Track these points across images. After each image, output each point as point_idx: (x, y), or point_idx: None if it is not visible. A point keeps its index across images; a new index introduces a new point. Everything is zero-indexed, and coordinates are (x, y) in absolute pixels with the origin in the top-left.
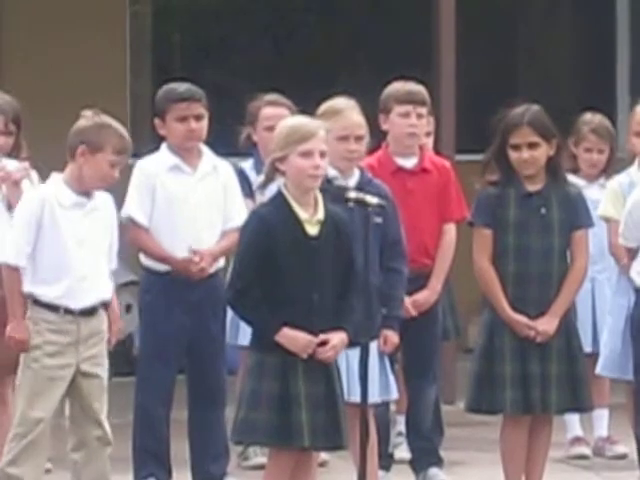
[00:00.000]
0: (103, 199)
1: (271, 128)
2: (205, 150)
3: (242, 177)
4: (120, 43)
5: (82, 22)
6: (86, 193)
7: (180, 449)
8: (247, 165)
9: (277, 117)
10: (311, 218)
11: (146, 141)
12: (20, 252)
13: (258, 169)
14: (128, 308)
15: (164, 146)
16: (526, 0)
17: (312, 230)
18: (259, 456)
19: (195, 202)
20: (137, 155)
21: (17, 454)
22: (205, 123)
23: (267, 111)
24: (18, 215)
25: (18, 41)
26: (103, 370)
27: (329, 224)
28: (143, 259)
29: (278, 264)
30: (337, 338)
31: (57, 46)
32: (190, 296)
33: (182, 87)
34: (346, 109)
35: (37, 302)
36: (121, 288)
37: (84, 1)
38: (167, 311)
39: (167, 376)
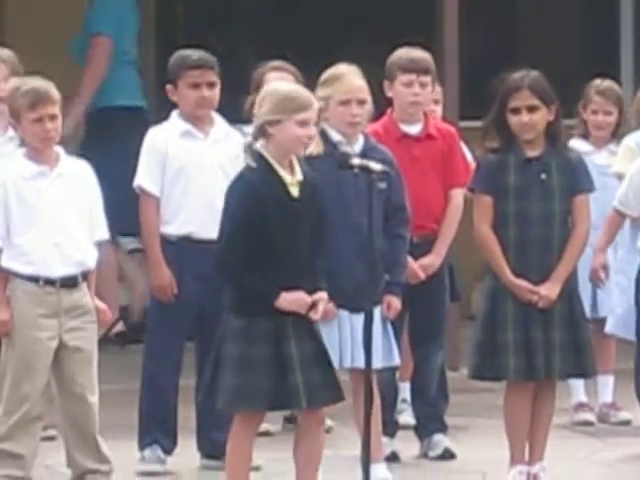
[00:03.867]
0: (74, 165)
1: None
2: (217, 117)
3: None
4: None
5: None
6: (46, 161)
7: (187, 416)
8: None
9: (284, 79)
10: (292, 180)
11: (152, 109)
12: None
13: None
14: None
15: (175, 114)
16: None
17: (294, 192)
18: (264, 423)
19: (208, 167)
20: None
21: (8, 430)
22: (217, 91)
23: (272, 76)
24: None
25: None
26: (87, 343)
27: (307, 185)
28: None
29: (267, 228)
30: (325, 298)
31: (61, 13)
32: (200, 265)
33: (195, 54)
34: (347, 74)
35: (17, 274)
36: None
37: None
38: (177, 279)
39: (176, 344)
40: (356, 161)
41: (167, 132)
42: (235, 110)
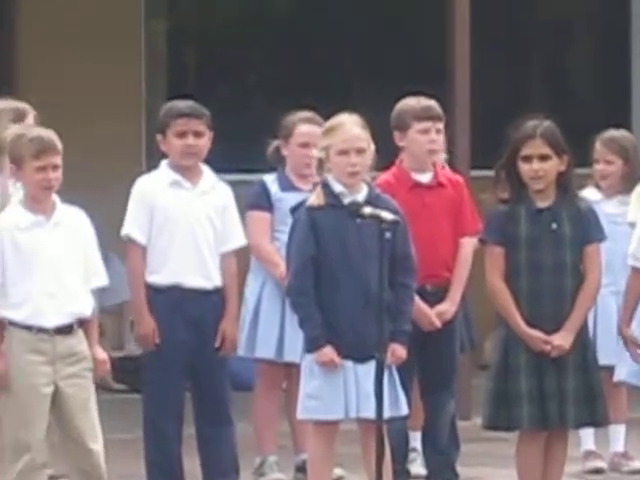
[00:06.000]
0: (70, 214)
1: (305, 145)
2: (205, 169)
3: (263, 189)
4: (135, 60)
5: (97, 39)
6: (44, 210)
7: (194, 465)
8: (269, 178)
9: (312, 135)
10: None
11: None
12: None
13: (281, 182)
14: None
15: (164, 163)
16: (540, 17)
17: None
18: (275, 472)
19: (196, 217)
20: (153, 169)
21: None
22: (205, 141)
23: (303, 128)
24: None
25: (33, 57)
26: (83, 390)
27: None
28: (146, 273)
29: None
30: None
31: (72, 62)
32: (190, 311)
33: (183, 103)
34: (346, 123)
35: (11, 322)
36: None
37: (99, 18)
38: (169, 326)
39: (172, 390)
40: (367, 210)
41: (156, 181)
42: (244, 158)
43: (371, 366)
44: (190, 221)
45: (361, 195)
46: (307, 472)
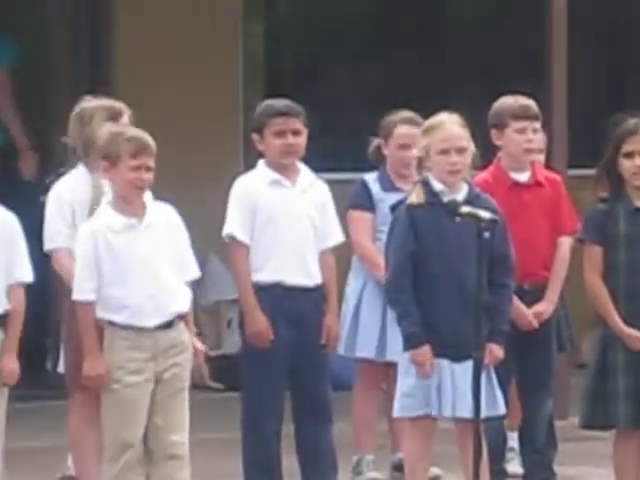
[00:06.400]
0: (160, 212)
1: (404, 146)
2: (302, 167)
3: (364, 189)
4: (232, 60)
5: (194, 39)
6: (135, 212)
7: (293, 463)
8: (370, 177)
9: (411, 136)
10: None
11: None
12: (82, 289)
13: (382, 182)
14: (229, 323)
15: (261, 162)
16: (635, 13)
17: None
18: (372, 471)
19: (297, 215)
20: (249, 168)
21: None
22: (303, 139)
23: (402, 130)
24: (77, 251)
25: (131, 58)
26: (180, 379)
27: None
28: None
29: None
30: None
31: (170, 63)
32: (292, 309)
33: (280, 102)
34: (446, 122)
35: (111, 323)
36: (229, 304)
37: (197, 18)
38: (270, 324)
39: (273, 390)
40: (465, 209)
41: (256, 180)
42: (341, 157)
43: (468, 365)
44: (292, 219)
45: (461, 194)
46: (404, 471)
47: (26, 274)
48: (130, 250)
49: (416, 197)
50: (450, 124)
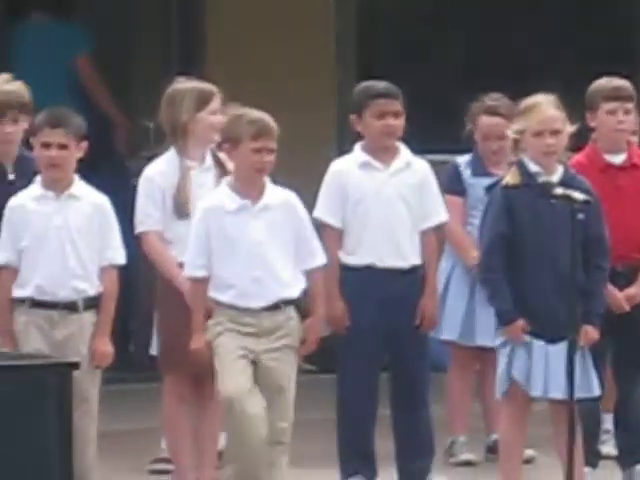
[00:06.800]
0: (280, 197)
1: (487, 137)
2: (402, 148)
3: (456, 173)
4: (326, 42)
5: (287, 21)
6: (252, 194)
7: (387, 445)
8: (463, 161)
9: (493, 126)
10: None
11: (353, 139)
12: (194, 266)
13: (474, 166)
14: None
15: (357, 146)
16: None
17: None
18: (465, 452)
19: (387, 197)
20: (344, 153)
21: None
22: (402, 121)
23: (483, 120)
24: (192, 227)
25: (223, 42)
26: (283, 365)
27: None
28: (341, 254)
29: None
30: None
31: (263, 47)
32: (385, 290)
33: (380, 84)
34: (542, 104)
35: (217, 302)
36: None
37: (289, 1)
38: (362, 306)
39: (369, 372)
40: (559, 190)
41: (348, 164)
42: (433, 139)
43: (562, 347)
44: (382, 202)
45: (556, 175)
46: (498, 452)
47: (119, 256)
48: (241, 232)
49: (511, 178)
50: (546, 106)
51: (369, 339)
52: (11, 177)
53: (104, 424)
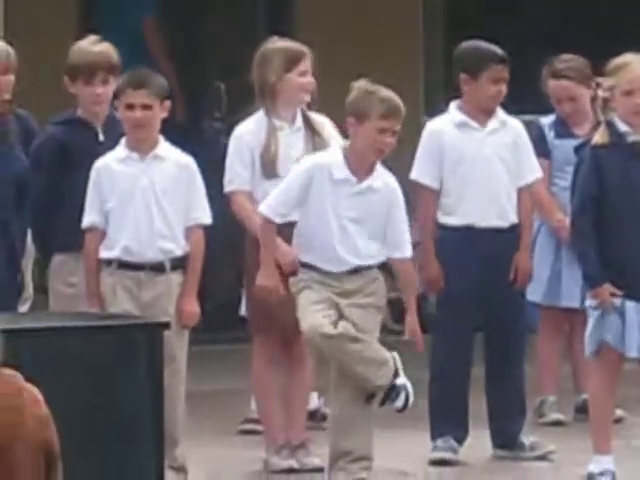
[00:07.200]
0: (383, 182)
1: (557, 101)
2: (498, 109)
3: (540, 135)
4: (414, 6)
5: None
6: (360, 172)
7: (479, 406)
8: (547, 122)
9: (559, 89)
10: None
11: (439, 100)
12: (274, 209)
13: (557, 128)
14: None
15: (453, 105)
16: None
17: None
18: (554, 412)
19: (486, 157)
20: (430, 114)
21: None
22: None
23: (551, 84)
24: (290, 173)
25: (314, 12)
26: (367, 321)
27: None
28: (440, 215)
29: None
30: None
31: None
32: (484, 250)
33: (497, 49)
34: (631, 63)
35: (302, 264)
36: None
37: None
38: (461, 266)
39: (463, 332)
40: None
41: (443, 124)
42: (521, 100)
43: None
44: (480, 161)
45: None
46: (589, 412)
47: (205, 216)
48: (335, 206)
49: (600, 137)
50: (636, 65)
51: (467, 300)
52: (101, 138)
53: (194, 383)
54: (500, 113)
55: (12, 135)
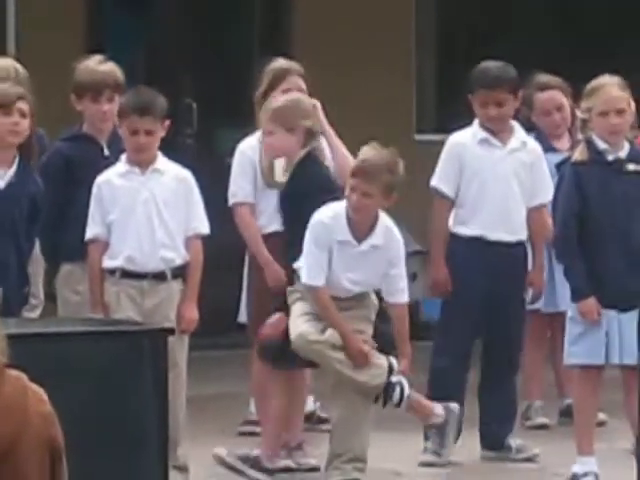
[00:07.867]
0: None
1: (544, 112)
2: (516, 127)
3: None
4: (407, 26)
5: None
6: (361, 229)
7: (467, 408)
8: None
9: (548, 102)
10: None
11: (431, 122)
12: (313, 275)
13: (540, 143)
14: (414, 276)
15: (476, 121)
16: None
17: None
18: (540, 416)
19: (503, 174)
20: (422, 132)
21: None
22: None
23: (539, 96)
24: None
25: (310, 25)
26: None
27: None
28: (452, 224)
29: None
30: None
31: (345, 47)
32: (489, 262)
33: (494, 72)
34: (606, 85)
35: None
36: (408, 257)
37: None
38: (468, 275)
39: (464, 342)
40: (631, 167)
41: (467, 137)
42: None
43: (634, 314)
44: (499, 177)
45: (623, 152)
46: (573, 416)
47: (203, 226)
48: (337, 265)
49: (580, 155)
50: (610, 87)
51: (471, 308)
52: (106, 153)
53: (194, 388)
54: (521, 132)
55: (35, 156)
